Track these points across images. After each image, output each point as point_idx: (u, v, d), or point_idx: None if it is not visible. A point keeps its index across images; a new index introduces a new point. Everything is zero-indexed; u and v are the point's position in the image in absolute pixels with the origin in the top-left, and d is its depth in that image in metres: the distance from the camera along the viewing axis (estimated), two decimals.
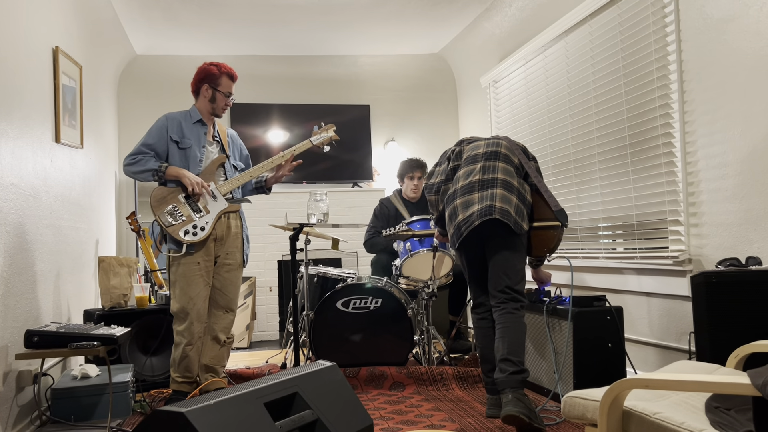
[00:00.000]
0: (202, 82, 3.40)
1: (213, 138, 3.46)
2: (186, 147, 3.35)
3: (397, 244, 4.24)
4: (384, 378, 3.69)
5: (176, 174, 3.26)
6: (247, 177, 3.42)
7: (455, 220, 3.00)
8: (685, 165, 3.24)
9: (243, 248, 3.47)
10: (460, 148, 3.25)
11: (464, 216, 2.96)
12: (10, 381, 2.85)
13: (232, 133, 3.61)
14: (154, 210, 3.24)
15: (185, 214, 3.26)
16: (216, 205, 3.32)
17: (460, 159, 3.20)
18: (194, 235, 3.24)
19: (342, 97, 6.47)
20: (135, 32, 5.54)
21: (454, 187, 3.11)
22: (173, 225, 3.22)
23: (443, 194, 3.19)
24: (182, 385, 3.31)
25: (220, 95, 3.40)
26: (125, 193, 5.91)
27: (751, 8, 2.79)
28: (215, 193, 3.33)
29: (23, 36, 3.18)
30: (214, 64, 3.41)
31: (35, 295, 3.22)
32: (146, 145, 3.30)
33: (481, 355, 3.10)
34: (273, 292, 5.86)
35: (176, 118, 3.39)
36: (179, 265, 3.26)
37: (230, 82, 3.43)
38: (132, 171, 3.28)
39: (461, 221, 2.96)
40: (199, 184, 3.25)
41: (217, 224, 3.33)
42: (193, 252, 3.26)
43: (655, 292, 3.48)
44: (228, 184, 3.37)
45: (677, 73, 3.25)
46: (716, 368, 2.08)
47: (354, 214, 5.96)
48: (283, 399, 1.98)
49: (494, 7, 5.14)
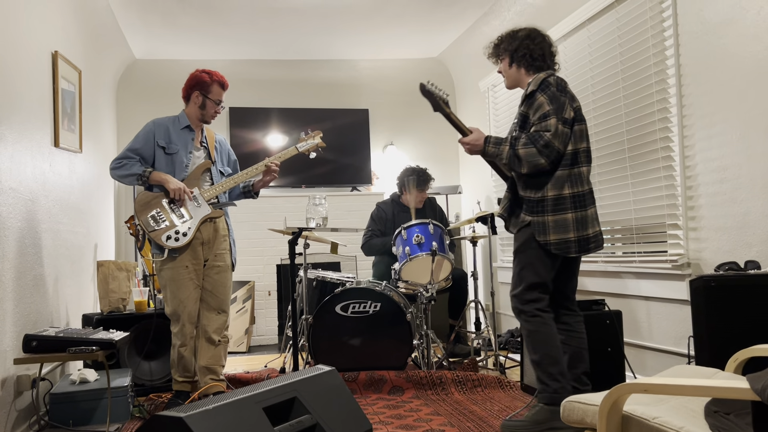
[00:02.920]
0: (193, 88, 3.43)
1: (200, 144, 3.48)
2: (172, 152, 3.37)
3: (396, 247, 4.24)
4: (383, 382, 3.68)
5: (160, 179, 3.28)
6: (231, 183, 3.44)
7: (585, 230, 2.74)
8: (684, 169, 3.24)
9: (231, 251, 3.49)
10: (576, 104, 2.81)
11: (593, 232, 2.77)
12: (8, 386, 2.85)
13: (221, 139, 3.62)
14: (137, 214, 3.29)
15: (168, 220, 3.28)
16: (199, 211, 3.34)
17: (581, 122, 2.82)
18: (176, 240, 3.26)
19: (341, 101, 6.48)
20: (134, 36, 5.55)
21: (587, 185, 2.80)
22: (156, 230, 3.25)
23: (579, 137, 2.79)
24: (183, 385, 3.39)
25: (210, 102, 3.42)
26: (124, 198, 5.91)
27: (749, 12, 2.80)
28: (198, 198, 3.35)
29: (23, 40, 3.18)
30: (206, 72, 3.44)
31: (34, 300, 3.22)
32: (132, 149, 3.34)
33: (558, 358, 2.77)
34: (272, 296, 5.85)
35: (164, 124, 3.42)
36: (167, 269, 3.30)
37: (221, 90, 3.45)
38: (117, 174, 3.32)
39: (591, 236, 2.76)
40: (181, 190, 3.27)
41: (203, 228, 3.35)
42: (176, 256, 3.29)
43: (654, 296, 3.48)
44: (212, 189, 3.40)
45: (675, 77, 3.26)
46: (715, 372, 2.08)
47: (353, 218, 5.96)
48: (282, 404, 1.98)
49: (492, 12, 5.15)
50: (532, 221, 2.76)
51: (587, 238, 2.75)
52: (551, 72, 2.86)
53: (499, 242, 5.57)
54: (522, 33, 2.93)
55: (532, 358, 2.78)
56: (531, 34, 2.93)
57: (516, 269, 2.85)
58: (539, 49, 2.88)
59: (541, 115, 2.70)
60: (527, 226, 2.78)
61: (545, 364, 2.74)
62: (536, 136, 2.69)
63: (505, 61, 2.98)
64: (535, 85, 2.77)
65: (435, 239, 4.07)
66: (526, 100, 2.80)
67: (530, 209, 2.78)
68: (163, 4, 4.86)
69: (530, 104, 2.77)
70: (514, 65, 2.94)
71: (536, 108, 2.73)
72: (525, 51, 2.89)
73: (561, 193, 2.73)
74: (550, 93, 2.73)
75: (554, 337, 2.77)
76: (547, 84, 2.75)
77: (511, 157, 2.75)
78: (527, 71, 2.91)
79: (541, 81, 2.77)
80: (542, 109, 2.71)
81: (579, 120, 2.79)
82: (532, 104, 2.76)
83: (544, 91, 2.74)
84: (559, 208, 2.73)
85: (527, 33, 2.94)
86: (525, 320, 2.80)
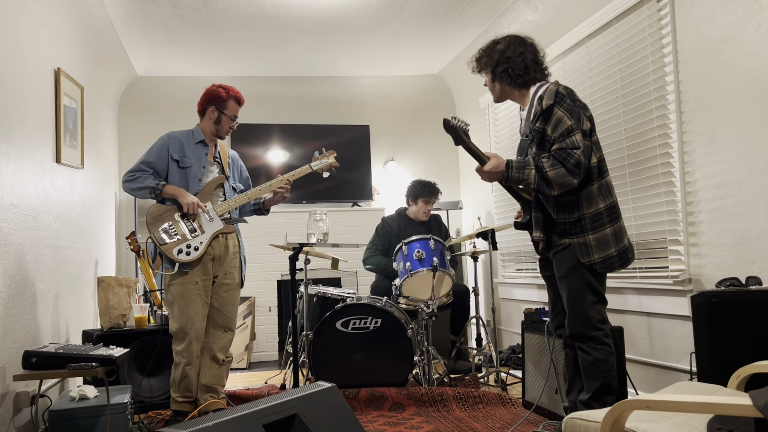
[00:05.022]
0: (209, 103, 3.42)
1: (214, 158, 3.48)
2: (186, 166, 3.36)
3: (397, 263, 4.24)
4: (384, 399, 3.66)
5: (173, 193, 3.27)
6: (244, 199, 3.43)
7: (622, 242, 2.64)
8: (684, 185, 3.25)
9: (241, 268, 3.48)
10: (588, 113, 2.68)
11: (628, 241, 2.68)
12: (7, 402, 2.83)
13: (234, 155, 3.63)
14: (149, 227, 3.26)
15: (180, 233, 3.27)
16: (211, 226, 3.33)
17: (595, 132, 2.69)
18: (188, 254, 3.24)
19: (342, 118, 6.51)
20: (136, 53, 5.59)
21: (615, 193, 2.70)
22: (167, 243, 3.23)
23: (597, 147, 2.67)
24: (183, 405, 3.31)
25: (225, 118, 3.42)
26: (125, 213, 5.92)
27: (747, 29, 2.82)
28: (211, 213, 3.34)
29: (26, 57, 3.21)
30: (223, 87, 3.43)
31: (34, 316, 3.21)
32: (146, 162, 3.33)
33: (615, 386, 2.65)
34: (272, 312, 5.84)
35: (178, 138, 3.41)
36: (177, 285, 3.26)
37: (237, 106, 3.45)
38: (130, 187, 3.31)
39: (628, 247, 2.67)
40: (194, 204, 3.26)
41: (214, 244, 3.33)
42: (187, 271, 3.26)
43: (655, 312, 3.47)
44: (225, 204, 3.38)
45: (675, 94, 3.27)
46: (718, 389, 2.07)
47: (354, 233, 5.97)
48: (282, 420, 1.96)
49: (492, 29, 5.19)
50: (572, 243, 2.62)
51: (625, 250, 2.65)
52: (556, 82, 2.72)
53: (500, 258, 5.56)
54: (500, 46, 2.77)
55: (591, 385, 2.61)
56: (509, 47, 2.75)
57: (568, 294, 2.66)
58: (521, 63, 2.72)
59: (564, 132, 2.55)
60: (567, 248, 2.64)
61: (604, 393, 2.60)
62: (563, 155, 2.53)
63: (488, 77, 2.83)
64: (551, 99, 2.59)
65: (436, 255, 4.07)
66: (542, 116, 2.62)
67: (568, 231, 2.64)
68: (165, 21, 4.90)
69: (547, 119, 2.61)
70: (497, 81, 2.80)
71: (555, 123, 2.57)
72: (505, 67, 2.73)
73: (597, 208, 2.61)
74: (567, 106, 2.58)
75: (615, 366, 2.64)
76: (562, 96, 2.59)
77: (539, 181, 2.57)
78: (511, 87, 2.78)
79: (555, 93, 2.60)
80: (563, 124, 2.55)
81: (593, 129, 2.67)
82: (549, 119, 2.60)
83: (560, 104, 2.58)
84: (598, 224, 2.60)
85: (505, 46, 2.76)
86: (592, 347, 2.61)
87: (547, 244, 2.74)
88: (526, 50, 2.75)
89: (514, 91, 2.79)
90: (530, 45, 2.79)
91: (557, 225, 2.67)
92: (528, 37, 2.82)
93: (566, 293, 2.67)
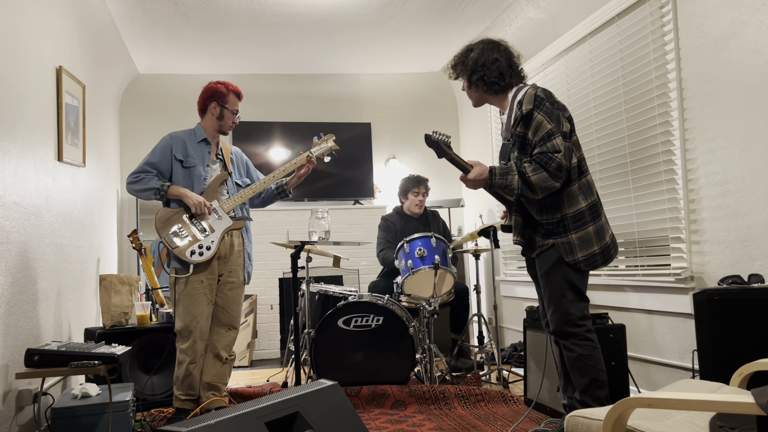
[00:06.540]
0: (210, 99, 3.43)
1: (216, 156, 3.48)
2: (190, 166, 3.36)
3: (399, 261, 4.24)
4: (386, 397, 3.66)
5: (178, 194, 3.27)
6: (250, 193, 3.44)
7: (603, 239, 2.66)
8: (686, 182, 3.24)
9: (245, 266, 3.48)
10: (567, 113, 2.70)
11: (609, 237, 2.69)
12: (9, 400, 2.84)
13: (237, 151, 3.63)
14: (159, 232, 3.25)
15: (190, 235, 3.27)
16: (220, 224, 3.34)
17: (574, 132, 2.72)
18: (200, 255, 3.25)
19: (343, 115, 6.50)
20: (138, 51, 5.59)
21: (596, 191, 2.73)
22: (179, 246, 3.23)
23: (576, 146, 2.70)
24: (185, 403, 3.31)
25: (228, 113, 3.43)
26: (127, 211, 5.92)
27: (749, 26, 2.81)
28: (218, 211, 3.34)
29: (27, 56, 3.21)
30: (221, 83, 3.45)
31: (36, 314, 3.22)
32: (149, 163, 3.33)
33: (606, 381, 2.67)
34: (274, 310, 5.84)
35: (180, 138, 3.41)
36: (183, 283, 3.26)
37: (237, 99, 3.47)
38: (134, 189, 3.30)
39: (610, 244, 2.69)
40: (202, 204, 3.26)
41: (220, 242, 3.33)
42: (198, 271, 3.27)
43: (657, 310, 3.46)
44: (231, 201, 3.39)
45: (677, 91, 3.26)
46: (720, 387, 2.07)
47: (355, 231, 5.97)
48: (284, 418, 1.97)
49: (494, 26, 5.18)
50: (555, 243, 2.65)
51: (608, 247, 2.68)
52: (533, 85, 2.72)
53: (502, 255, 5.56)
54: (473, 54, 2.76)
55: (580, 381, 2.63)
56: (483, 54, 2.75)
57: (549, 291, 2.69)
58: (495, 70, 2.72)
59: (545, 135, 2.57)
60: (550, 248, 2.67)
61: (594, 388, 2.61)
62: (545, 159, 2.55)
63: (465, 83, 2.84)
64: (530, 103, 2.62)
65: (437, 253, 4.07)
66: (522, 120, 2.64)
67: (551, 232, 2.67)
68: (166, 19, 4.90)
69: (527, 124, 2.63)
70: (473, 89, 2.80)
71: (536, 127, 2.59)
72: (480, 74, 2.74)
73: (579, 207, 2.64)
74: (547, 109, 2.60)
75: (602, 360, 2.65)
76: (540, 100, 2.62)
77: (523, 186, 2.60)
78: (488, 93, 2.79)
79: (534, 97, 2.62)
80: (544, 128, 2.57)
81: (573, 130, 2.70)
82: (529, 123, 2.62)
83: (539, 108, 2.60)
84: (580, 223, 2.63)
85: (478, 54, 2.75)
86: (574, 344, 2.64)
87: (529, 246, 2.78)
88: (500, 56, 2.75)
89: (491, 97, 2.82)
90: (504, 50, 2.78)
91: (540, 226, 2.70)
92: (502, 40, 2.83)
93: (547, 291, 2.70)
